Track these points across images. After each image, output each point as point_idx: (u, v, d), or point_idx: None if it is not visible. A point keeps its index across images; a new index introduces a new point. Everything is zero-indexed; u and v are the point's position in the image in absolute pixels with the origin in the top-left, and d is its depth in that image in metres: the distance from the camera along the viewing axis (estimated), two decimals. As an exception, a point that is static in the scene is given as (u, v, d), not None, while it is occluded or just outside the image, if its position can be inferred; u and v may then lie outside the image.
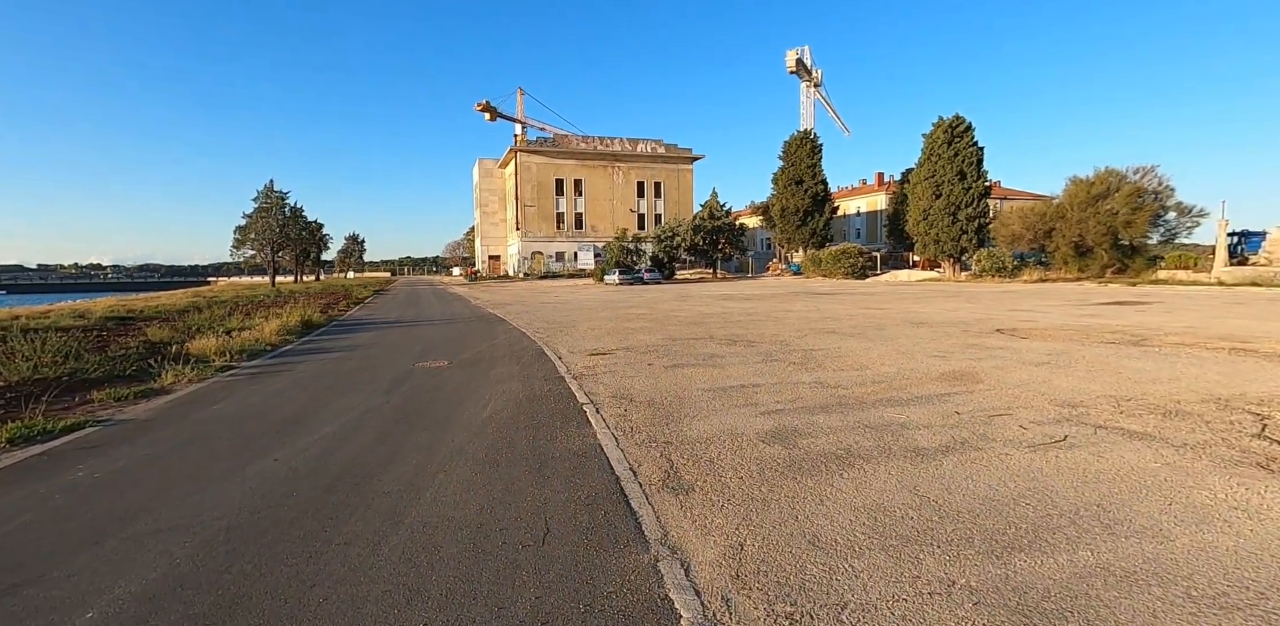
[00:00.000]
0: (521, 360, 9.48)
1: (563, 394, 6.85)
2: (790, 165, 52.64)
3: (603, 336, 12.09)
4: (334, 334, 14.55)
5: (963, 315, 14.57)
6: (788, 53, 66.26)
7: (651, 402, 6.23)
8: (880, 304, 18.91)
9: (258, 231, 47.65)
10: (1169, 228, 32.52)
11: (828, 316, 15.01)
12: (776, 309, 17.76)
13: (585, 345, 10.85)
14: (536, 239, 65.89)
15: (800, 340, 10.63)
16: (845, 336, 11.00)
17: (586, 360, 9.15)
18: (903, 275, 45.18)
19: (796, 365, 8.10)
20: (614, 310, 18.74)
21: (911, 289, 28.67)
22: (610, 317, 16.20)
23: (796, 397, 6.23)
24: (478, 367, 8.87)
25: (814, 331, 11.87)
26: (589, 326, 14.13)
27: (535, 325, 14.96)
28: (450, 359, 9.83)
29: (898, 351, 9.09)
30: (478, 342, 11.92)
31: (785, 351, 9.34)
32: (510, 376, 8.05)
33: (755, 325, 13.31)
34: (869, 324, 13.02)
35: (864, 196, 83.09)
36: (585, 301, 23.94)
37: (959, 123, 39.43)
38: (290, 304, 22.61)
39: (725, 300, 22.52)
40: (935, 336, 10.72)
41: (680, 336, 11.62)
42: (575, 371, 8.18)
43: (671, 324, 14.07)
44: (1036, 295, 21.77)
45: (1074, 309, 15.79)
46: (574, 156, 66.83)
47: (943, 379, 7.00)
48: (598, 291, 33.33)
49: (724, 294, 27.30)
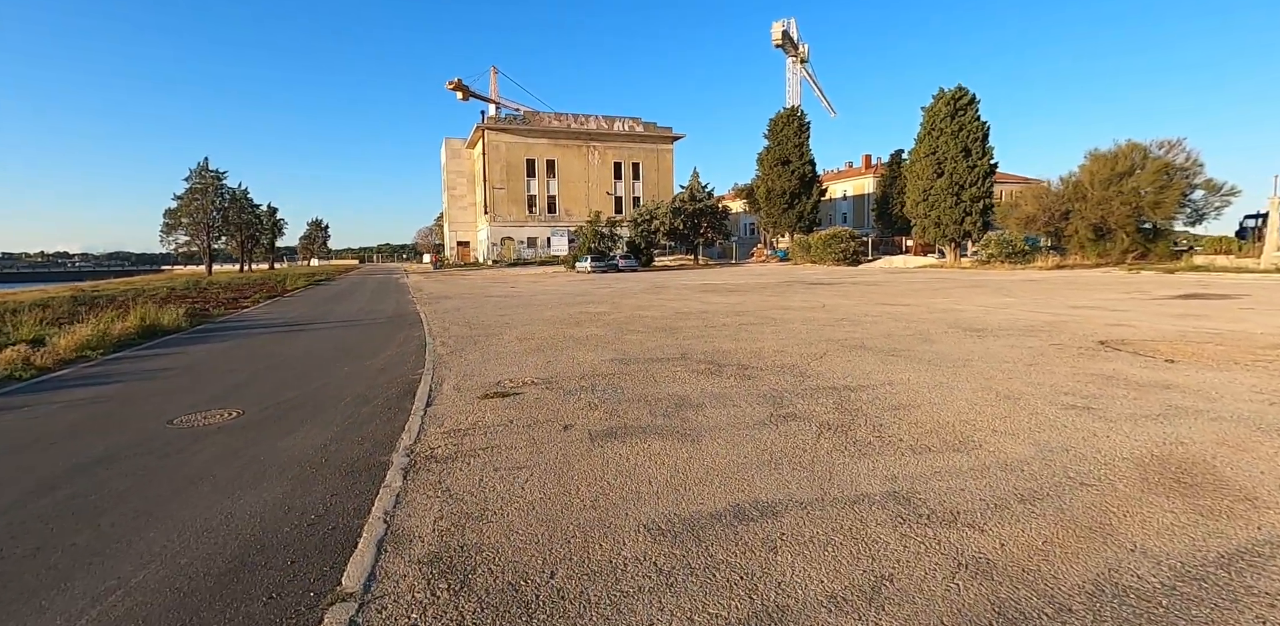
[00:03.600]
0: (367, 406, 5.70)
1: (331, 543, 3.08)
2: (776, 144, 48.88)
3: (529, 353, 8.32)
4: (168, 347, 10.59)
5: (1018, 314, 11.01)
6: (774, 24, 62.10)
7: (525, 602, 2.49)
8: (896, 297, 15.34)
9: (190, 215, 42.85)
10: (1196, 208, 29.39)
11: (841, 317, 11.36)
12: (771, 305, 14.09)
13: (493, 372, 7.08)
14: (506, 223, 61.50)
15: (820, 364, 6.95)
16: (885, 357, 7.34)
17: (470, 410, 5.38)
18: (897, 261, 41.88)
19: (835, 432, 4.40)
20: (568, 307, 14.95)
21: (917, 277, 25.19)
22: (558, 319, 12.41)
23: (882, 582, 2.55)
24: (271, 429, 5.07)
25: (833, 345, 8.20)
26: (522, 333, 10.34)
27: (455, 330, 11.15)
28: (261, 401, 6.01)
29: (993, 392, 5.45)
30: (346, 364, 8.09)
31: (804, 391, 5.65)
32: (291, 464, 4.26)
33: (747, 333, 9.62)
34: (905, 330, 9.39)
35: (850, 180, 79.68)
36: (542, 294, 20.10)
37: (962, 95, 35.83)
38: (175, 301, 18.60)
39: (707, 292, 18.81)
40: (1023, 357, 7.10)
41: (639, 355, 7.88)
42: (425, 449, 4.37)
43: (634, 330, 10.33)
44: (1074, 285, 18.37)
45: (1152, 305, 12.32)
46: (546, 135, 62.24)
47: (1170, 490, 3.35)
48: (564, 281, 29.44)
49: (706, 284, 23.58)
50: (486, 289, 24.14)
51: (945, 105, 35.60)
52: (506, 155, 61.01)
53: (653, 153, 66.09)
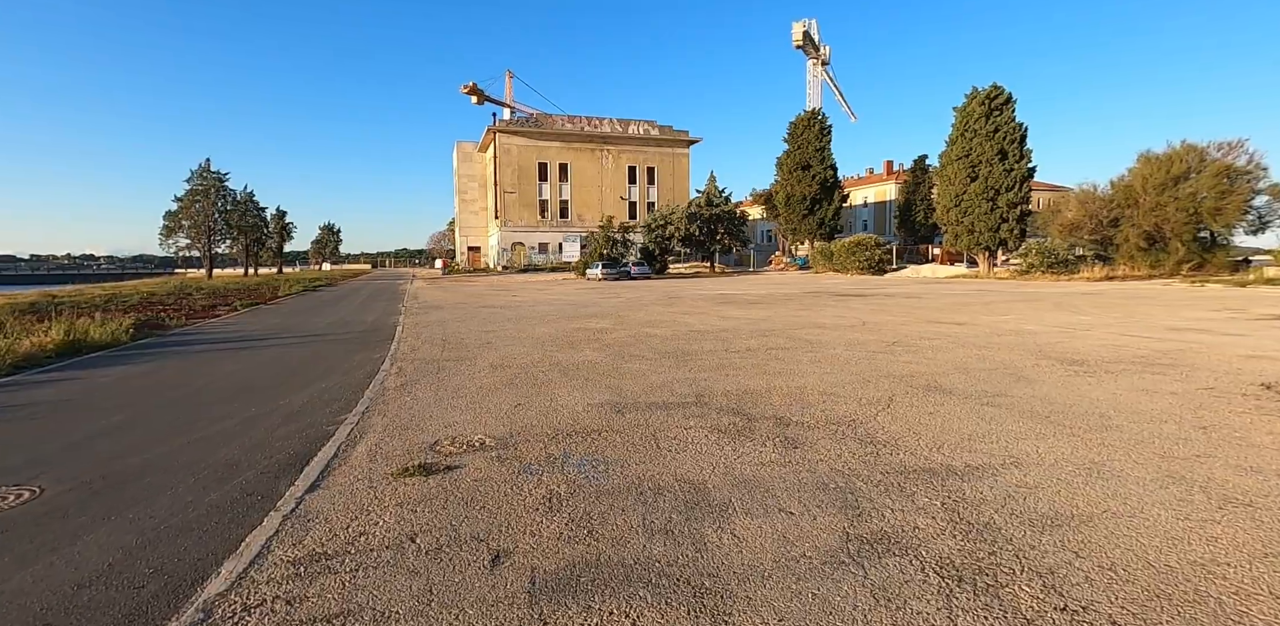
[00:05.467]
0: (221, 488, 3.80)
1: None
2: (796, 148, 46.88)
3: (498, 390, 6.41)
4: (77, 369, 8.81)
5: (1111, 339, 8.88)
6: (794, 25, 60.18)
7: None
8: (944, 313, 13.24)
9: (190, 217, 41.69)
10: (1260, 215, 26.88)
11: (890, 339, 9.32)
12: (801, 322, 12.07)
13: (437, 422, 5.16)
14: (518, 229, 59.95)
15: (890, 419, 4.94)
16: (977, 406, 5.32)
17: (366, 503, 3.44)
18: (925, 270, 39.52)
19: (974, 593, 2.41)
20: (567, 322, 13.06)
21: (954, 288, 22.97)
22: (550, 338, 10.51)
23: None
24: (40, 536, 3.17)
25: (897, 384, 6.20)
26: (500, 357, 8.45)
27: (423, 351, 9.28)
28: (86, 470, 4.14)
29: (1191, 484, 3.39)
30: (260, 401, 6.22)
31: (884, 478, 3.65)
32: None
33: (779, 362, 7.63)
34: (982, 362, 7.34)
35: (872, 186, 77.35)
36: (543, 304, 18.24)
37: (998, 94, 33.59)
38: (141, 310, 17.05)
39: (726, 304, 16.82)
40: (1180, 413, 5.04)
41: (639, 396, 5.93)
42: (229, 609, 2.47)
43: (637, 355, 8.38)
44: (1140, 299, 16.12)
45: (1268, 328, 10.11)
46: (558, 138, 60.71)
47: None
48: (572, 288, 27.59)
49: (723, 294, 21.56)
50: (486, 298, 22.34)
51: (979, 105, 33.39)
52: (518, 158, 59.55)
53: (668, 157, 64.29)
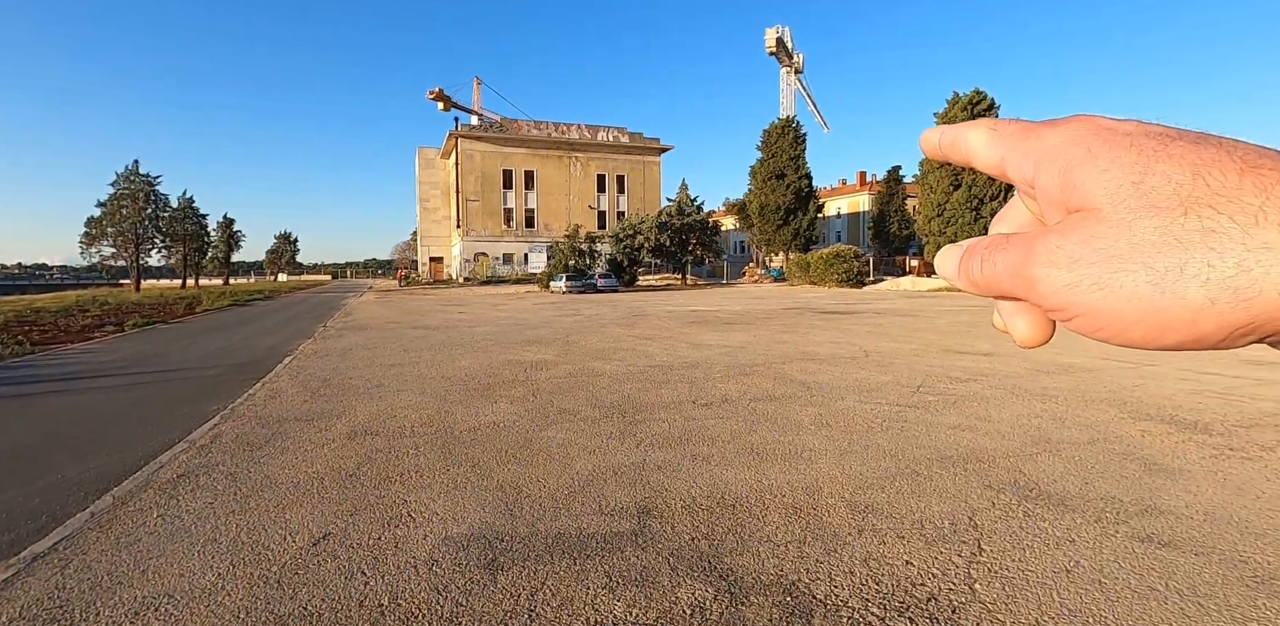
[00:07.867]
0: None
1: None
2: (770, 157, 45.20)
3: (312, 497, 3.87)
4: None
5: (1199, 378, 6.74)
6: (767, 31, 58.92)
7: None
8: (958, 338, 11.05)
9: (115, 224, 37.99)
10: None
11: (914, 382, 7.02)
12: (789, 351, 9.75)
13: (151, 595, 2.65)
14: (481, 238, 57.13)
15: (992, 586, 2.57)
16: (1127, 538, 2.97)
17: None
18: (905, 283, 37.87)
19: None
20: (501, 351, 10.53)
21: (943, 303, 21.01)
22: (466, 377, 7.97)
23: None
24: None
25: (968, 481, 3.84)
26: (372, 417, 5.90)
27: (282, 400, 6.67)
28: None
29: None
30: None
31: None
32: None
33: (768, 428, 5.23)
34: (1068, 430, 5.04)
35: (845, 197, 76.52)
36: (487, 324, 15.66)
37: (981, 99, 32.35)
38: None
39: (697, 325, 14.44)
40: None
41: (538, 520, 3.44)
42: None
43: (567, 411, 5.91)
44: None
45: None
46: (524, 144, 58.26)
47: None
48: (530, 304, 25.00)
49: (695, 311, 19.21)
50: (427, 316, 19.63)
51: (962, 111, 32.06)
52: (481, 165, 56.89)
53: (639, 165, 62.29)
